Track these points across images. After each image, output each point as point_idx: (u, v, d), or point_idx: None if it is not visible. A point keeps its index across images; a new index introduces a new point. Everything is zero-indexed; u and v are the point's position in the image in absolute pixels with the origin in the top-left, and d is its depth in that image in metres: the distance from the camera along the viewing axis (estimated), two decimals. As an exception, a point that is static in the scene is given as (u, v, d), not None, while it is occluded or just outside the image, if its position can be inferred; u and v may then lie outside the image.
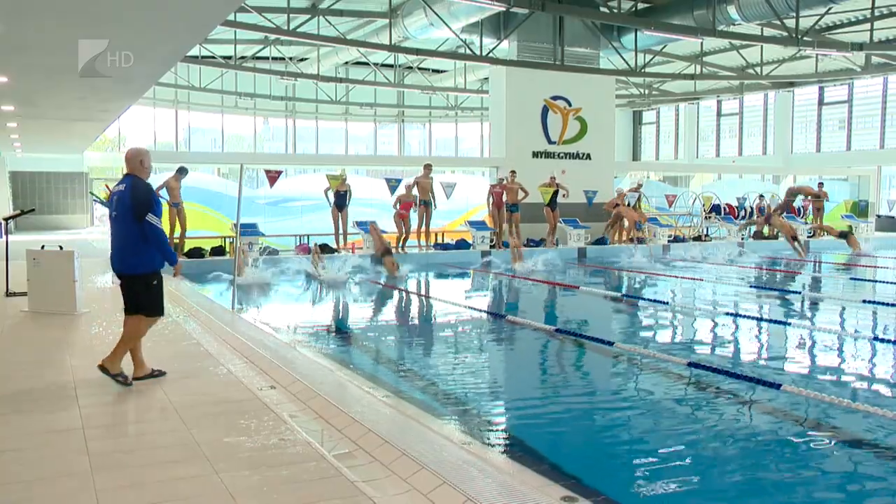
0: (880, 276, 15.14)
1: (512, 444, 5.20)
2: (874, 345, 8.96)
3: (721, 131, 38.87)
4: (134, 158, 6.27)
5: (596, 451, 5.25)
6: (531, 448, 5.16)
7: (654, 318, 10.98)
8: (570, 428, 5.71)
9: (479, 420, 5.71)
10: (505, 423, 5.80)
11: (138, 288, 6.21)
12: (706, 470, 4.81)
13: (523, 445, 5.22)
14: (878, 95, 31.73)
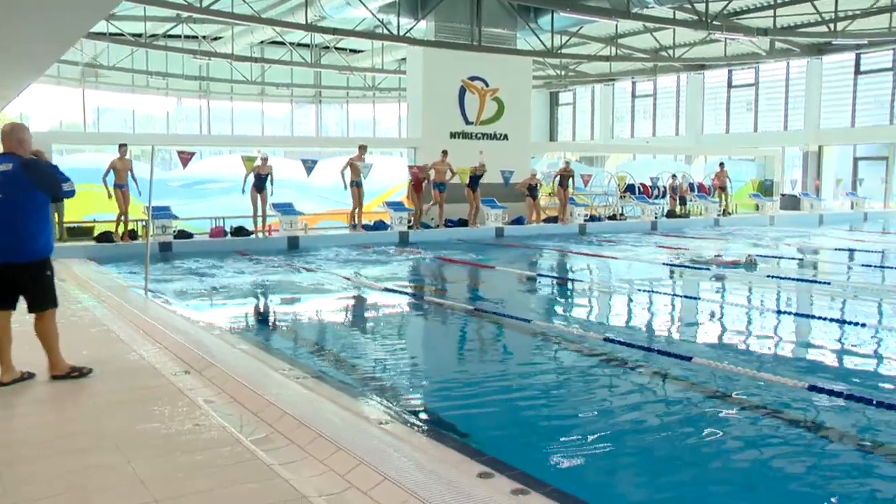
0: (785, 253, 15.75)
1: (430, 422, 5.24)
2: (779, 318, 9.33)
3: (635, 112, 39.66)
4: (11, 135, 5.59)
5: (514, 427, 5.33)
6: (450, 426, 5.21)
7: (572, 295, 11.18)
8: (488, 405, 5.78)
9: (397, 400, 5.72)
10: (423, 402, 5.84)
11: (41, 276, 5.70)
12: (622, 442, 4.93)
13: (442, 423, 5.26)
14: (782, 79, 32.85)
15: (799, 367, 6.93)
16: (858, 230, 22.33)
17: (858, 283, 11.86)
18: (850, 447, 4.93)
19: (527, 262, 14.97)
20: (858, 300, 10.59)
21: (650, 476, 4.46)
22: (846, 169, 31.77)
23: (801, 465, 4.62)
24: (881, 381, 6.53)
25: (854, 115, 30.62)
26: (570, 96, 42.99)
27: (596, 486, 4.20)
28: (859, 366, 7.15)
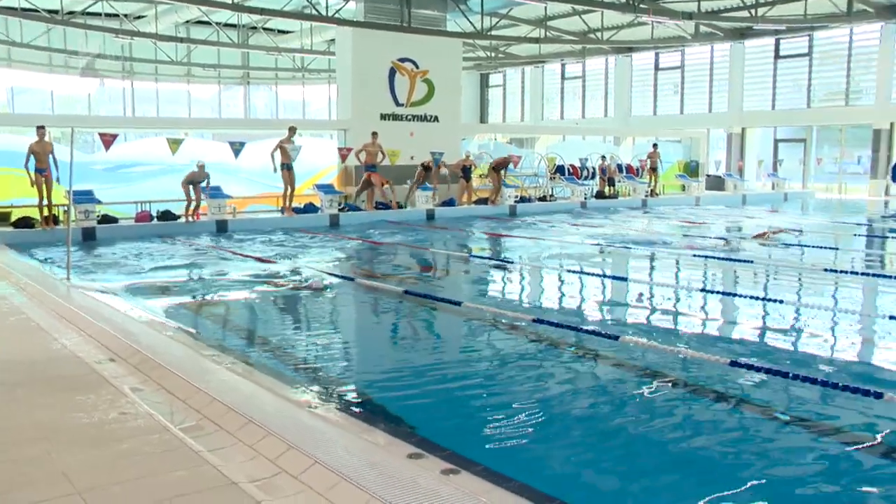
0: (715, 232, 16.16)
1: (360, 405, 5.24)
2: (705, 296, 9.58)
3: (565, 94, 40.04)
4: None
5: (445, 408, 5.37)
6: (380, 408, 5.22)
7: (502, 276, 11.28)
8: (419, 388, 5.81)
9: (327, 384, 5.71)
10: (354, 385, 5.83)
11: None
12: (553, 421, 5.00)
13: (372, 406, 5.27)
14: (707, 62, 33.56)
15: (722, 344, 7.14)
16: (781, 210, 23.04)
17: (780, 262, 12.23)
18: (771, 419, 5.11)
19: (457, 244, 15.03)
20: (780, 277, 10.93)
21: (581, 454, 4.54)
22: (767, 150, 32.70)
23: (727, 438, 4.76)
24: (800, 356, 6.77)
25: (774, 98, 31.50)
26: (501, 78, 43.19)
27: (527, 465, 4.26)
28: (779, 341, 7.39)
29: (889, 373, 6.32)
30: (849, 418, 5.08)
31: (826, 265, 11.41)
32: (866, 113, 29.00)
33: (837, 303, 9.37)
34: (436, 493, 3.49)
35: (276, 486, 3.64)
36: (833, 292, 9.95)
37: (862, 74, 29.39)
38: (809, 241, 14.36)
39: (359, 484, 3.53)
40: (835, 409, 5.29)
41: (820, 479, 4.16)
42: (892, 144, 28.43)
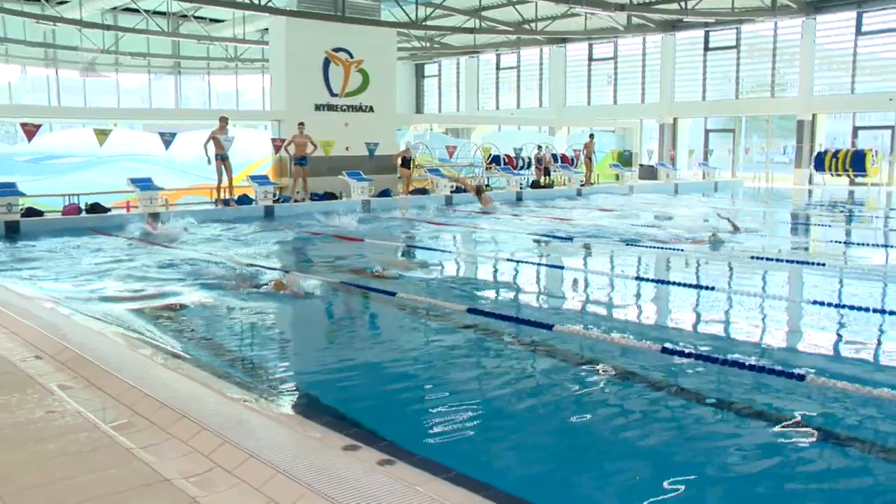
0: (646, 221, 16.45)
1: (296, 398, 5.21)
2: (639, 285, 9.75)
3: (500, 84, 40.24)
4: None
5: (382, 400, 5.36)
6: (316, 401, 5.20)
7: (438, 266, 11.29)
8: (356, 380, 5.79)
9: (262, 377, 5.65)
10: (289, 378, 5.78)
11: None
12: (488, 410, 5.03)
13: (308, 399, 5.24)
14: (639, 54, 34.10)
15: (655, 331, 7.28)
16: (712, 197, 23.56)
17: (709, 251, 12.50)
18: (703, 404, 5.23)
19: (392, 234, 14.99)
20: (710, 266, 11.18)
21: (518, 442, 4.58)
22: (698, 140, 33.42)
23: (661, 424, 4.86)
24: (730, 342, 6.94)
25: (704, 89, 32.18)
26: (436, 68, 43.19)
27: (464, 454, 4.28)
28: (710, 327, 7.57)
29: (811, 356, 6.53)
30: (774, 400, 5.24)
31: (756, 254, 11.72)
32: (791, 104, 29.85)
33: (766, 289, 9.64)
34: (371, 484, 3.49)
35: (211, 482, 3.60)
36: (762, 279, 10.22)
37: (786, 67, 30.23)
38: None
39: (294, 476, 3.51)
40: (761, 391, 5.45)
41: (748, 459, 4.28)
42: (814, 135, 29.31)
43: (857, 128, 29.26)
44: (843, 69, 28.68)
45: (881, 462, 4.34)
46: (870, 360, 6.60)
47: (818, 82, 29.40)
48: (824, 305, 8.10)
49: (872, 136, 29.14)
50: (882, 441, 4.60)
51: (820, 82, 29.42)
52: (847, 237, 15.55)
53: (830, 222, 17.15)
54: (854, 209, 20.94)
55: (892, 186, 27.85)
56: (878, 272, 10.37)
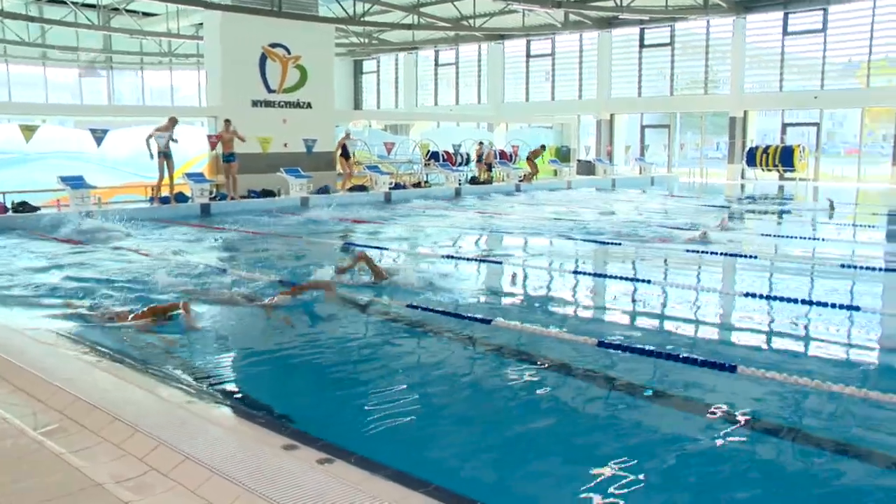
0: (585, 217, 16.66)
1: (234, 399, 5.14)
2: (577, 278, 9.86)
3: (439, 80, 40.29)
4: None
5: (320, 399, 5.32)
6: (255, 401, 5.13)
7: (378, 262, 11.21)
8: (294, 379, 5.74)
9: (200, 378, 5.56)
10: (227, 379, 5.71)
11: None
12: (427, 407, 5.02)
13: (247, 399, 5.17)
14: (576, 50, 34.50)
15: (591, 325, 7.38)
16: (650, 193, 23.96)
17: (648, 245, 12.72)
18: (640, 397, 5.32)
19: (333, 232, 14.90)
20: (647, 260, 11.37)
21: (456, 438, 4.60)
22: (634, 136, 33.97)
23: (597, 417, 4.94)
24: (665, 334, 7.07)
25: (640, 85, 32.72)
26: (374, 64, 43.06)
27: (403, 452, 4.28)
28: (645, 321, 7.70)
29: (742, 348, 6.71)
30: (706, 391, 5.36)
31: (690, 247, 11.96)
32: (723, 101, 30.56)
33: (700, 281, 9.85)
34: (310, 483, 3.47)
35: (146, 485, 3.54)
36: (697, 272, 10.44)
37: (719, 65, 30.93)
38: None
39: (231, 478, 3.48)
40: (694, 383, 5.57)
41: (681, 450, 4.37)
42: (746, 131, 30.06)
43: (786, 124, 30.07)
44: (771, 68, 29.45)
45: (811, 449, 4.48)
46: (799, 350, 6.80)
47: (749, 80, 30.15)
48: (756, 297, 8.31)
49: (800, 132, 29.99)
50: (809, 429, 4.74)
51: (750, 80, 30.18)
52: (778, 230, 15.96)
53: (762, 215, 17.60)
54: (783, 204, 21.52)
55: (819, 181, 28.71)
56: (810, 264, 10.69)
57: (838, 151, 32.49)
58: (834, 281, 9.66)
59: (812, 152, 28.92)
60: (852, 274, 9.91)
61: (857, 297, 8.72)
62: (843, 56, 28.42)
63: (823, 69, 28.13)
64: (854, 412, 4.96)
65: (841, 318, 7.52)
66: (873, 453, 4.35)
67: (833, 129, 33.04)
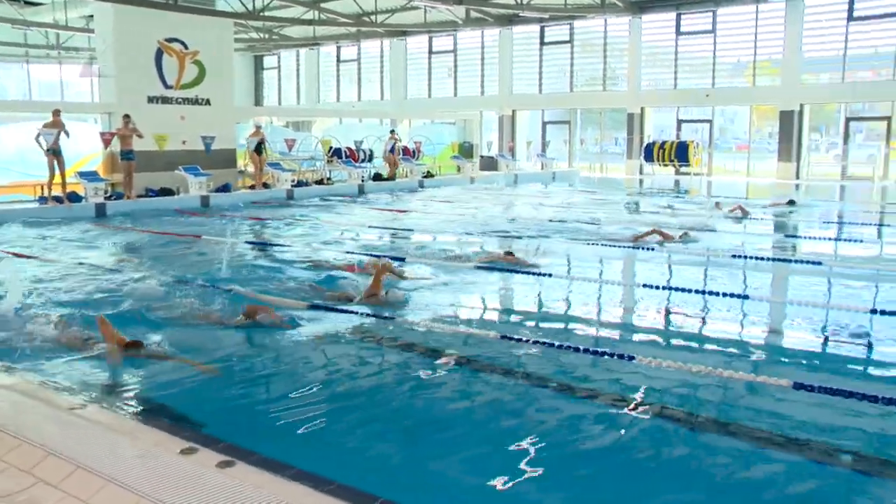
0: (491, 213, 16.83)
1: (130, 403, 4.98)
2: (480, 273, 9.94)
3: (341, 77, 40.00)
4: None
5: (219, 400, 5.21)
6: (151, 405, 4.99)
7: (277, 262, 11.07)
8: (192, 382, 5.60)
9: (92, 382, 5.36)
10: (121, 382, 5.52)
11: None
12: (329, 406, 4.98)
13: (143, 403, 5.02)
14: (478, 47, 34.78)
15: (496, 319, 7.46)
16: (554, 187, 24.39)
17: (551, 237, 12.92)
18: (543, 387, 5.40)
19: (231, 231, 14.59)
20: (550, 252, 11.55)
21: (359, 435, 4.58)
22: (536, 132, 34.51)
23: (501, 408, 4.98)
24: (570, 327, 7.21)
25: (541, 82, 33.26)
26: (275, 60, 42.41)
27: (306, 451, 4.24)
28: (549, 313, 7.83)
29: (640, 338, 6.90)
30: (607, 380, 5.50)
31: (593, 239, 12.22)
32: (621, 98, 31.36)
33: (602, 273, 10.08)
34: (210, 486, 3.41)
35: (34, 498, 3.40)
36: (598, 264, 10.68)
37: (617, 62, 31.72)
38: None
39: (127, 485, 3.38)
40: (595, 373, 5.70)
41: (584, 437, 4.46)
42: (643, 127, 30.93)
43: (681, 121, 31.09)
44: (666, 66, 30.39)
45: (707, 434, 4.64)
46: (696, 339, 7.05)
47: (645, 78, 31.03)
48: (657, 289, 8.57)
49: (694, 128, 31.08)
50: (706, 412, 4.91)
51: (647, 78, 31.06)
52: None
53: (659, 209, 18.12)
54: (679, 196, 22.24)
55: (712, 176, 29.80)
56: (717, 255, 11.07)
57: (730, 147, 33.74)
58: (725, 271, 10.03)
59: (705, 148, 29.99)
60: (743, 265, 10.32)
61: (749, 287, 9.10)
62: (733, 56, 29.58)
63: (714, 68, 29.21)
64: (741, 395, 5.18)
65: (732, 307, 7.83)
66: (761, 433, 4.54)
67: (725, 125, 34.31)
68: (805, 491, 3.90)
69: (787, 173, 27.57)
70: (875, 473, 4.06)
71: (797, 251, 11.81)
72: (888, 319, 7.12)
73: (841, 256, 11.72)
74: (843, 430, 4.61)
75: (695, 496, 3.87)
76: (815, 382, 5.18)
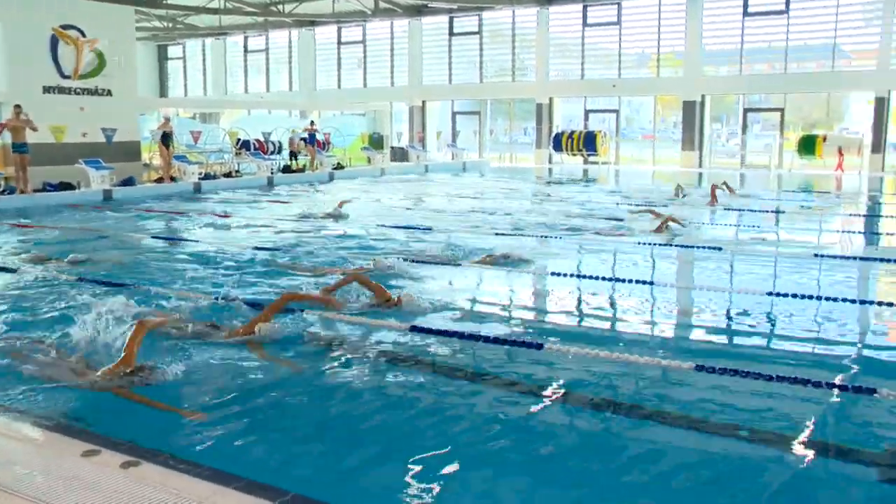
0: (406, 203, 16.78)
1: (24, 407, 4.76)
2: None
3: (249, 67, 39.31)
4: None
5: (121, 403, 5.02)
6: (50, 409, 4.78)
7: (190, 257, 10.80)
8: (92, 381, 5.39)
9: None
10: (15, 385, 5.27)
11: None
12: (232, 401, 4.86)
13: (39, 407, 4.81)
14: (388, 38, 34.67)
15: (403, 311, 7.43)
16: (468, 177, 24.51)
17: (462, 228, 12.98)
18: (455, 379, 5.42)
19: (135, 226, 14.19)
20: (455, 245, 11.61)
21: (264, 430, 4.50)
22: (446, 122, 34.64)
23: (415, 400, 4.98)
24: (486, 319, 7.24)
25: (451, 72, 33.37)
26: (181, 50, 41.33)
27: (214, 448, 4.15)
28: (458, 303, 7.85)
29: (549, 326, 7.01)
30: (519, 369, 5.57)
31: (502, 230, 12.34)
32: (530, 88, 31.77)
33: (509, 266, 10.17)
34: (114, 487, 3.31)
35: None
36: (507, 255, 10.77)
37: (525, 53, 32.11)
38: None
39: (22, 492, 3.24)
40: (505, 362, 5.77)
41: (498, 425, 4.50)
42: (552, 117, 31.41)
43: (588, 111, 31.71)
44: (574, 57, 30.94)
45: (618, 418, 4.74)
46: (604, 326, 7.20)
47: (553, 68, 31.51)
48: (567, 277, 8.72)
49: (601, 118, 31.73)
50: (614, 397, 5.02)
51: (555, 68, 31.56)
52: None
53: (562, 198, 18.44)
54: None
55: (619, 165, 30.51)
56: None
57: (636, 137, 34.59)
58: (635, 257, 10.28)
59: (612, 137, 30.66)
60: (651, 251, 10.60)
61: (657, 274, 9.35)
62: (637, 48, 30.37)
63: (620, 59, 29.89)
64: (652, 380, 5.32)
65: (640, 293, 8.03)
66: (671, 415, 4.67)
67: (631, 115, 35.15)
68: (705, 466, 4.04)
69: (690, 162, 28.45)
70: (771, 446, 4.23)
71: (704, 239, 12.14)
72: (786, 301, 7.42)
73: (741, 242, 12.14)
74: (741, 408, 4.79)
75: (602, 479, 3.95)
76: (716, 364, 5.36)
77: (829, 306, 7.24)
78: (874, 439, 4.37)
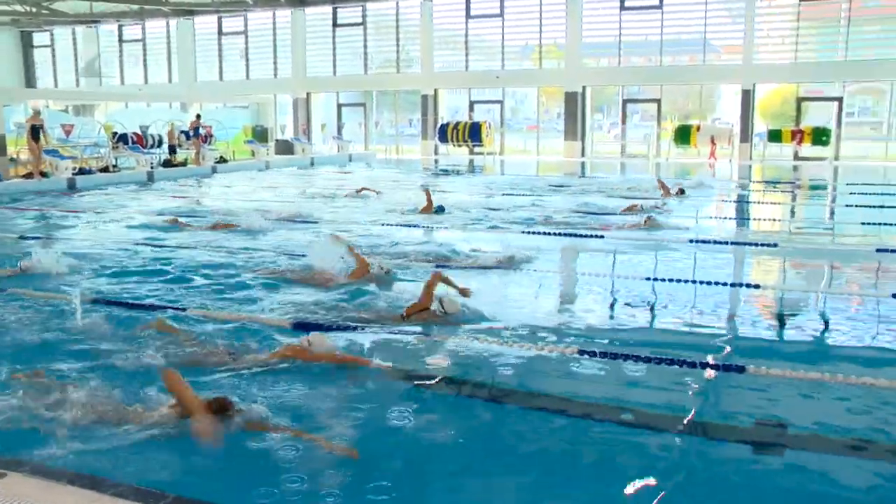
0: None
1: None
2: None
3: (125, 58, 37.84)
4: None
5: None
6: None
7: (68, 258, 10.27)
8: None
9: None
10: None
11: None
12: (105, 404, 4.65)
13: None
14: (270, 28, 34.04)
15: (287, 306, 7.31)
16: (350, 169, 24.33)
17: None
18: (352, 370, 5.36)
19: (11, 225, 13.42)
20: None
21: (135, 435, 4.31)
22: (331, 114, 34.33)
23: (308, 393, 4.88)
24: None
25: (335, 64, 33.07)
26: (48, 37, 39.23)
27: (86, 453, 3.97)
28: (343, 296, 7.77)
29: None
30: (402, 357, 5.57)
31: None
32: (415, 80, 31.85)
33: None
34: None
35: None
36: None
37: (410, 45, 32.15)
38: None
39: None
40: (389, 350, 5.75)
41: (396, 416, 4.48)
42: (437, 108, 31.59)
43: (473, 102, 32.03)
44: (458, 49, 31.19)
45: (503, 403, 4.80)
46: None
47: (438, 60, 31.68)
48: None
49: (486, 109, 32.11)
50: (513, 386, 5.09)
51: (440, 60, 31.73)
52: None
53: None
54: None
55: (504, 155, 30.97)
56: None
57: (521, 127, 35.18)
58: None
59: (497, 128, 31.07)
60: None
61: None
62: (521, 39, 30.84)
63: (503, 51, 30.31)
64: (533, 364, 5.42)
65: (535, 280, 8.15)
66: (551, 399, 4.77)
67: (516, 106, 35.74)
68: (591, 447, 4.15)
69: (573, 151, 29.14)
70: (651, 426, 4.38)
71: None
72: (665, 286, 7.71)
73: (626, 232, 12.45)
74: (624, 389, 4.95)
75: (490, 463, 4.00)
76: (597, 349, 5.51)
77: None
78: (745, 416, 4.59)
